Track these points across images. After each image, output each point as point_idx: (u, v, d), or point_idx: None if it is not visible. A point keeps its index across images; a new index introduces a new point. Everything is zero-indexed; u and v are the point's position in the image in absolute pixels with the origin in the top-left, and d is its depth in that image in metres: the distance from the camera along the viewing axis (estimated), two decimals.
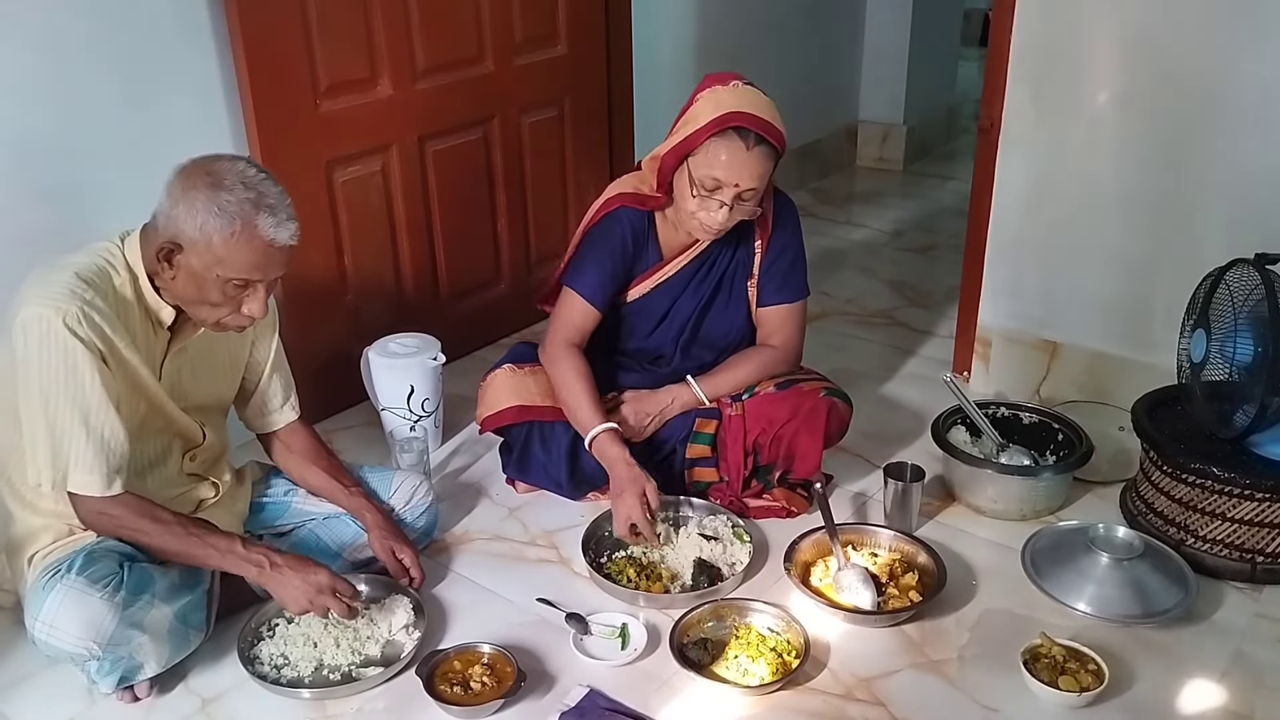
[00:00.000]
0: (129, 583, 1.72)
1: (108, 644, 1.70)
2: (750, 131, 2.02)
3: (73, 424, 1.65)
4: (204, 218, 1.63)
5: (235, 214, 1.63)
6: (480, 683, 1.81)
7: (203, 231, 1.63)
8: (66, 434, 1.66)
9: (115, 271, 1.71)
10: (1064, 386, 2.73)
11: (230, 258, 1.65)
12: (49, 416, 1.65)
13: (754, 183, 2.05)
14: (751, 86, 2.10)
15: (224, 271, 1.66)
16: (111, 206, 2.24)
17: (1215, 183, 2.38)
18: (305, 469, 2.09)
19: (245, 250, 1.66)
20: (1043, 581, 2.02)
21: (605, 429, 2.17)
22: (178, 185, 1.66)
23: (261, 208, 1.65)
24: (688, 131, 2.07)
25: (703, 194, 2.07)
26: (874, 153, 4.94)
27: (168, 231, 1.66)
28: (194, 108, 2.35)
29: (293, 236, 1.70)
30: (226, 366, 1.96)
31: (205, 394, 1.93)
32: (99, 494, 1.70)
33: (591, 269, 2.26)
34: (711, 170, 2.05)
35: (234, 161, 1.68)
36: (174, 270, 1.68)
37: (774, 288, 2.30)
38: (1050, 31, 2.49)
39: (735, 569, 2.10)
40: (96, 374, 1.65)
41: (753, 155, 2.03)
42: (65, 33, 2.12)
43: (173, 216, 1.65)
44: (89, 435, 1.66)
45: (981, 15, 6.58)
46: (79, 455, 1.67)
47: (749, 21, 4.07)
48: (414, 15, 2.67)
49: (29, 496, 1.79)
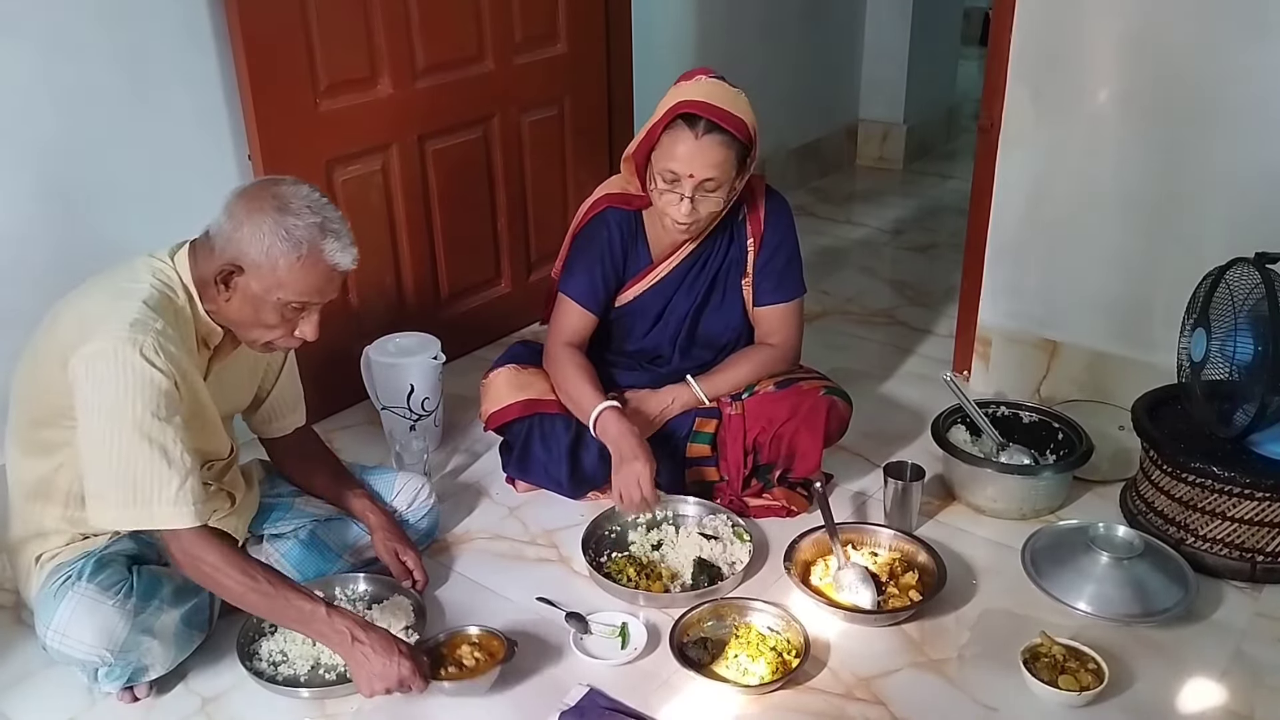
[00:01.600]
0: (139, 589, 1.72)
1: (120, 650, 1.70)
2: (700, 119, 2.02)
3: (152, 458, 1.58)
4: (270, 241, 1.62)
5: (303, 239, 1.63)
6: (473, 659, 1.82)
7: (269, 256, 1.62)
8: (148, 470, 1.59)
9: (175, 294, 1.69)
10: (1064, 386, 2.73)
11: (293, 282, 1.65)
12: (125, 452, 1.58)
13: (711, 172, 2.04)
14: (719, 80, 2.10)
15: (284, 295, 1.66)
16: (112, 205, 2.25)
17: (1215, 182, 2.38)
18: (309, 471, 2.09)
19: (310, 275, 1.65)
20: (1043, 581, 2.02)
21: (607, 406, 2.16)
22: (240, 207, 1.64)
23: (327, 233, 1.65)
24: (647, 127, 2.09)
25: (664, 187, 2.08)
26: (874, 152, 4.94)
27: (228, 254, 1.64)
28: (194, 107, 2.35)
29: (354, 261, 1.70)
30: (246, 378, 1.96)
31: (229, 404, 1.92)
32: (191, 524, 1.63)
33: (582, 273, 2.27)
34: (667, 163, 2.06)
35: (298, 185, 1.67)
36: (230, 292, 1.67)
37: (770, 287, 2.30)
38: (1050, 31, 2.49)
39: (735, 568, 2.10)
40: (171, 404, 1.61)
41: (703, 143, 2.02)
42: (66, 32, 2.12)
43: (235, 239, 1.63)
44: (170, 466, 1.60)
45: (981, 15, 6.58)
46: (162, 489, 1.60)
47: (749, 21, 4.06)
48: (414, 15, 2.67)
49: (40, 499, 1.77)
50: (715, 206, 2.12)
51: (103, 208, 2.24)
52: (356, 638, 1.70)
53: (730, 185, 2.11)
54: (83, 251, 2.11)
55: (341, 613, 1.73)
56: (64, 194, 2.19)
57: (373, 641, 1.71)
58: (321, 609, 1.71)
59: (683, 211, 2.09)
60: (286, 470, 2.11)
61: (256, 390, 2.01)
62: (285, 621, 1.74)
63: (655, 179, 2.10)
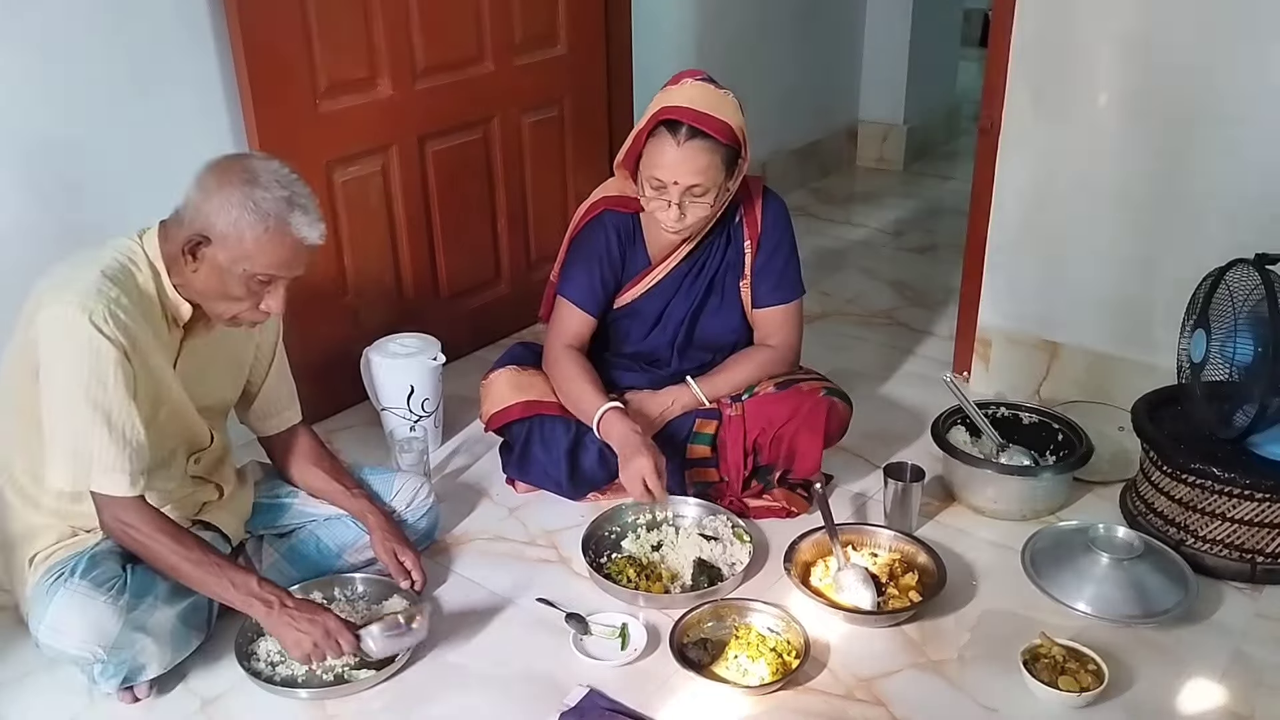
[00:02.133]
0: (132, 585, 1.72)
1: (112, 647, 1.70)
2: (681, 125, 2.02)
3: (95, 423, 1.64)
4: (238, 213, 1.63)
5: (270, 211, 1.64)
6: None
7: (235, 227, 1.64)
8: (89, 433, 1.64)
9: (138, 268, 1.71)
10: (1064, 386, 2.73)
11: (260, 254, 1.66)
12: (71, 416, 1.64)
13: (695, 178, 2.04)
14: (705, 82, 2.09)
15: (250, 267, 1.67)
16: (113, 205, 2.25)
17: (1215, 183, 2.38)
18: (307, 471, 2.09)
19: (276, 247, 1.67)
20: (1043, 582, 2.02)
21: (610, 408, 2.16)
22: (211, 180, 1.66)
23: (295, 206, 1.67)
24: (633, 135, 2.10)
25: (651, 194, 2.09)
26: (874, 153, 4.94)
27: (196, 224, 1.66)
28: (194, 107, 2.35)
29: (321, 236, 1.71)
30: (232, 368, 1.96)
31: (212, 395, 1.93)
32: (124, 493, 1.68)
33: (581, 275, 2.27)
34: (652, 170, 2.06)
35: (267, 160, 1.70)
36: (198, 263, 1.68)
37: (768, 289, 2.30)
38: (1050, 31, 2.49)
39: (735, 569, 2.10)
40: (120, 371, 1.64)
41: (685, 150, 2.02)
42: (67, 33, 2.12)
43: (204, 210, 1.65)
44: (111, 433, 1.65)
45: (981, 15, 6.58)
46: (102, 455, 1.65)
47: (749, 21, 4.06)
48: (414, 15, 2.67)
49: (32, 492, 1.79)
50: (704, 211, 2.11)
51: (103, 208, 2.24)
52: (284, 604, 1.76)
53: (719, 189, 2.10)
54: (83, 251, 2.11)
55: (271, 584, 1.79)
56: (65, 194, 2.19)
57: (298, 606, 1.77)
58: (253, 579, 1.76)
59: (671, 218, 2.09)
60: (284, 469, 2.11)
61: (246, 385, 2.01)
62: (214, 590, 1.77)
63: (643, 186, 2.11)
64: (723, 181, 2.10)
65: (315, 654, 1.77)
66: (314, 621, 1.76)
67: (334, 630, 1.77)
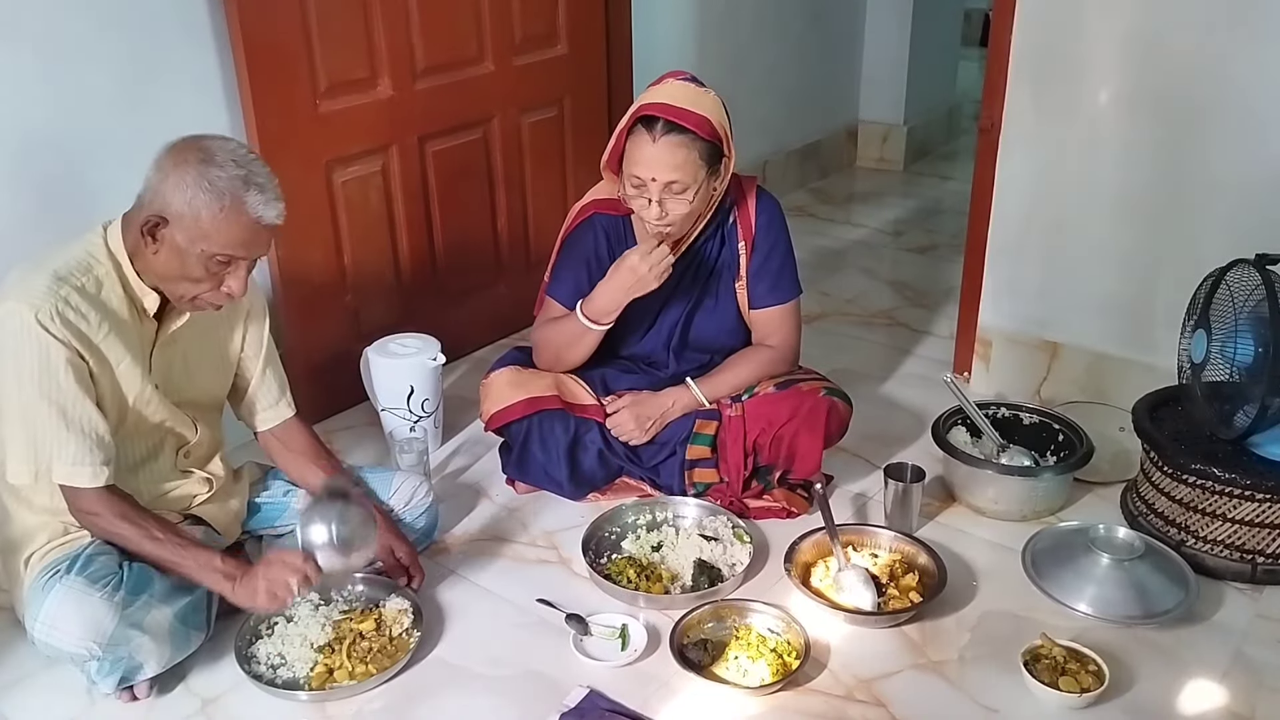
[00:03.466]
0: (128, 582, 1.73)
1: (107, 644, 1.70)
2: (657, 120, 2.02)
3: (50, 418, 1.66)
4: (193, 192, 1.64)
5: (225, 190, 1.64)
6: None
7: (191, 206, 1.64)
8: (45, 428, 1.67)
9: (97, 261, 1.72)
10: (1064, 387, 2.73)
11: (216, 233, 1.66)
12: (26, 412, 1.66)
13: (673, 174, 2.03)
14: (687, 81, 2.10)
15: (209, 247, 1.67)
16: (112, 205, 2.23)
17: (1215, 183, 2.38)
18: (303, 468, 2.08)
19: (232, 227, 1.66)
20: (1043, 582, 2.01)
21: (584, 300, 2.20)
22: (168, 160, 1.66)
23: (251, 185, 1.66)
24: (614, 136, 2.11)
25: (633, 193, 2.09)
26: (874, 153, 4.94)
27: (154, 205, 1.66)
28: (194, 107, 2.35)
29: (279, 216, 1.71)
30: (218, 361, 1.96)
31: (197, 389, 1.93)
32: (87, 484, 1.70)
33: (569, 277, 2.28)
34: (631, 168, 2.07)
35: (224, 140, 1.70)
36: (157, 245, 1.69)
37: (765, 289, 2.30)
38: (1050, 31, 2.49)
39: (735, 570, 2.10)
40: (70, 369, 1.66)
41: (661, 145, 2.02)
42: (66, 33, 2.12)
43: (161, 190, 1.65)
44: (69, 427, 1.67)
45: (981, 15, 6.58)
46: (61, 448, 1.68)
47: (749, 22, 4.06)
48: (414, 15, 2.67)
49: (25, 494, 1.79)
50: (684, 209, 2.10)
51: (104, 208, 2.22)
52: (245, 571, 1.77)
53: (701, 186, 2.09)
54: None
55: (235, 557, 1.82)
56: (65, 194, 2.19)
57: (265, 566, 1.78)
58: (217, 557, 1.78)
59: (652, 215, 2.09)
60: (280, 465, 2.11)
61: (236, 378, 2.01)
62: (184, 568, 1.77)
63: (625, 185, 2.11)
64: (704, 179, 2.08)
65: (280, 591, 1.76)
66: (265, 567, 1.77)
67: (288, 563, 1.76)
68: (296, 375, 2.12)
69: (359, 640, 1.90)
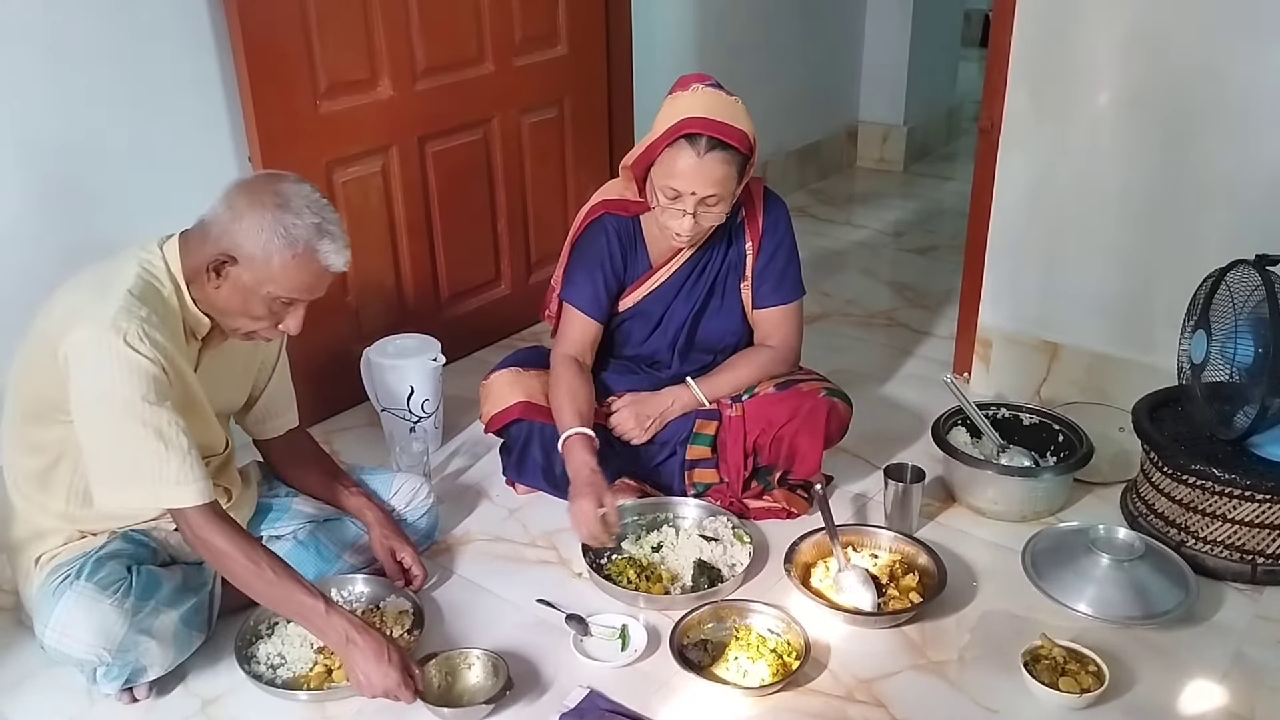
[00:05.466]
0: (137, 588, 1.73)
1: (118, 650, 1.70)
2: (701, 137, 2.01)
3: (149, 440, 1.61)
4: (268, 237, 1.64)
5: (299, 238, 1.65)
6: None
7: (264, 250, 1.64)
8: (146, 453, 1.62)
9: (161, 284, 1.70)
10: (1064, 387, 2.73)
11: (285, 278, 1.67)
12: (124, 438, 1.61)
13: (713, 189, 2.03)
14: (716, 89, 2.08)
15: (275, 290, 1.68)
16: (114, 206, 2.25)
17: (1215, 184, 2.38)
18: (304, 472, 2.09)
19: (302, 273, 1.67)
20: (1043, 583, 2.01)
21: (575, 433, 2.14)
22: (241, 200, 1.65)
23: (324, 234, 1.67)
24: (648, 142, 2.09)
25: (666, 203, 2.08)
26: (874, 153, 4.94)
27: (224, 244, 1.66)
28: (195, 108, 2.35)
29: (346, 264, 1.72)
30: (241, 374, 1.97)
31: (220, 401, 1.93)
32: (198, 501, 1.66)
33: (584, 280, 2.27)
34: (669, 180, 2.05)
35: (299, 185, 1.69)
36: (221, 280, 1.68)
37: (769, 289, 2.30)
38: (1050, 32, 2.49)
39: (735, 570, 2.09)
40: (162, 389, 1.63)
41: (705, 162, 2.01)
42: (68, 34, 2.12)
43: (231, 231, 1.65)
44: (169, 449, 1.63)
45: (981, 16, 6.58)
46: (164, 471, 1.63)
47: (749, 22, 4.07)
48: (414, 15, 2.67)
49: (39, 496, 1.79)
50: (717, 220, 2.11)
51: (104, 208, 2.24)
52: (351, 639, 1.71)
53: (732, 197, 2.10)
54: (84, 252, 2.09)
55: (340, 612, 1.75)
56: (65, 195, 2.19)
57: (366, 644, 1.71)
58: (321, 605, 1.73)
59: (685, 227, 2.08)
60: (281, 472, 2.11)
61: (250, 390, 2.01)
62: (285, 611, 1.77)
63: (657, 194, 2.09)
64: (735, 190, 2.10)
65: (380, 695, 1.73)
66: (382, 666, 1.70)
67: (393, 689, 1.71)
68: (297, 375, 2.11)
69: None
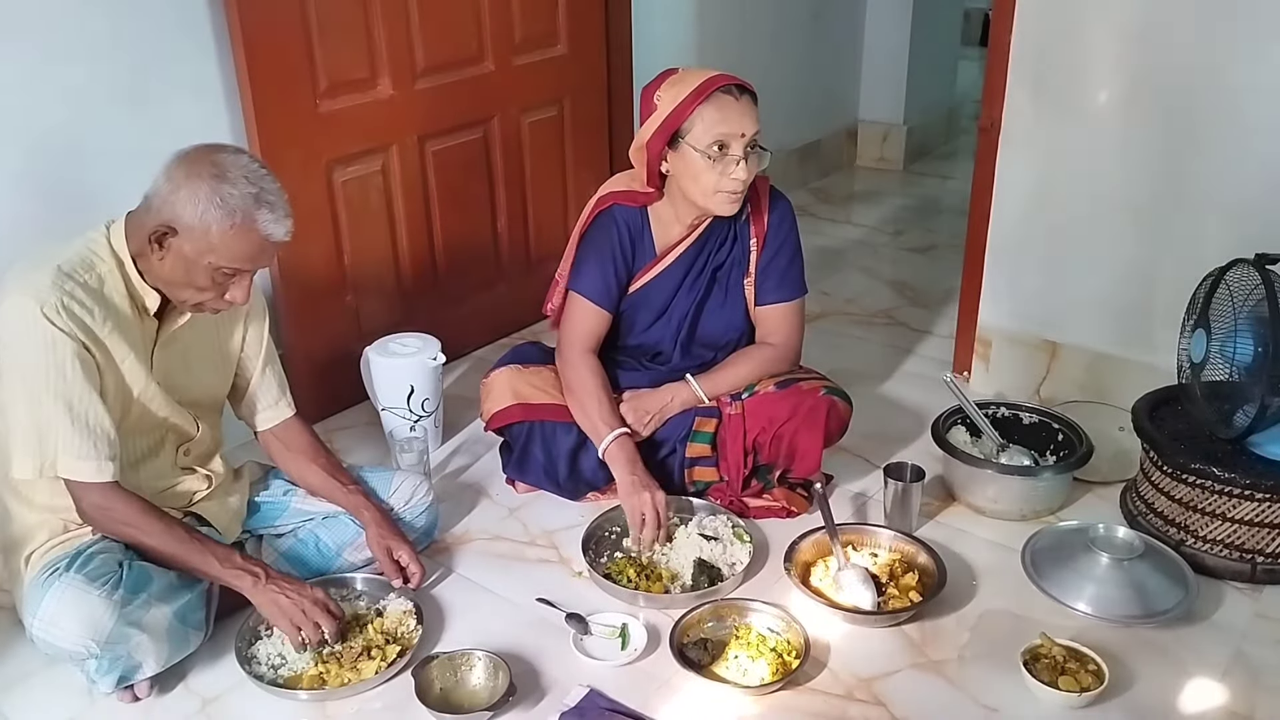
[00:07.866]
0: (127, 581, 1.73)
1: (106, 642, 1.70)
2: (731, 84, 2.11)
3: (56, 412, 1.67)
4: (205, 207, 1.65)
5: (237, 208, 1.65)
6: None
7: (202, 220, 1.65)
8: (50, 422, 1.67)
9: (100, 259, 1.73)
10: (1064, 386, 2.73)
11: (225, 248, 1.68)
12: (32, 406, 1.67)
13: (757, 126, 2.13)
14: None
15: (216, 260, 1.69)
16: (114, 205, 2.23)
17: (1216, 182, 2.38)
18: (303, 467, 2.08)
19: (241, 243, 1.68)
20: (1043, 582, 2.02)
21: (619, 434, 2.21)
22: (179, 171, 1.67)
23: (262, 204, 1.68)
24: (666, 112, 2.11)
25: (712, 161, 2.09)
26: (874, 153, 4.95)
27: (164, 214, 1.67)
28: (195, 107, 2.35)
29: (287, 234, 1.73)
30: (218, 360, 1.97)
31: (199, 388, 1.94)
32: (91, 479, 1.71)
33: (594, 270, 2.27)
34: (716, 129, 2.08)
35: (237, 154, 1.71)
36: (164, 252, 1.70)
37: (771, 286, 2.30)
38: (1050, 31, 2.49)
39: (735, 569, 2.10)
40: (77, 362, 1.67)
41: (743, 103, 2.11)
42: (68, 34, 2.12)
43: (171, 201, 1.66)
44: (74, 422, 1.67)
45: (981, 15, 6.58)
46: (66, 442, 1.68)
47: (749, 21, 4.07)
48: (414, 15, 2.67)
49: (25, 491, 1.80)
50: (763, 164, 2.16)
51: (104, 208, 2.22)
52: (270, 575, 1.81)
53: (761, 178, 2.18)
54: None
55: (256, 560, 1.85)
56: (65, 194, 2.19)
57: (283, 583, 1.82)
58: (235, 554, 1.80)
59: (741, 172, 2.10)
60: (280, 464, 2.11)
61: (235, 378, 2.02)
62: (198, 565, 1.79)
63: (696, 159, 2.09)
64: None
65: (303, 622, 1.81)
66: (301, 592, 1.82)
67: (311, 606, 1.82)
68: (297, 375, 2.12)
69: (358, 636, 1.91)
